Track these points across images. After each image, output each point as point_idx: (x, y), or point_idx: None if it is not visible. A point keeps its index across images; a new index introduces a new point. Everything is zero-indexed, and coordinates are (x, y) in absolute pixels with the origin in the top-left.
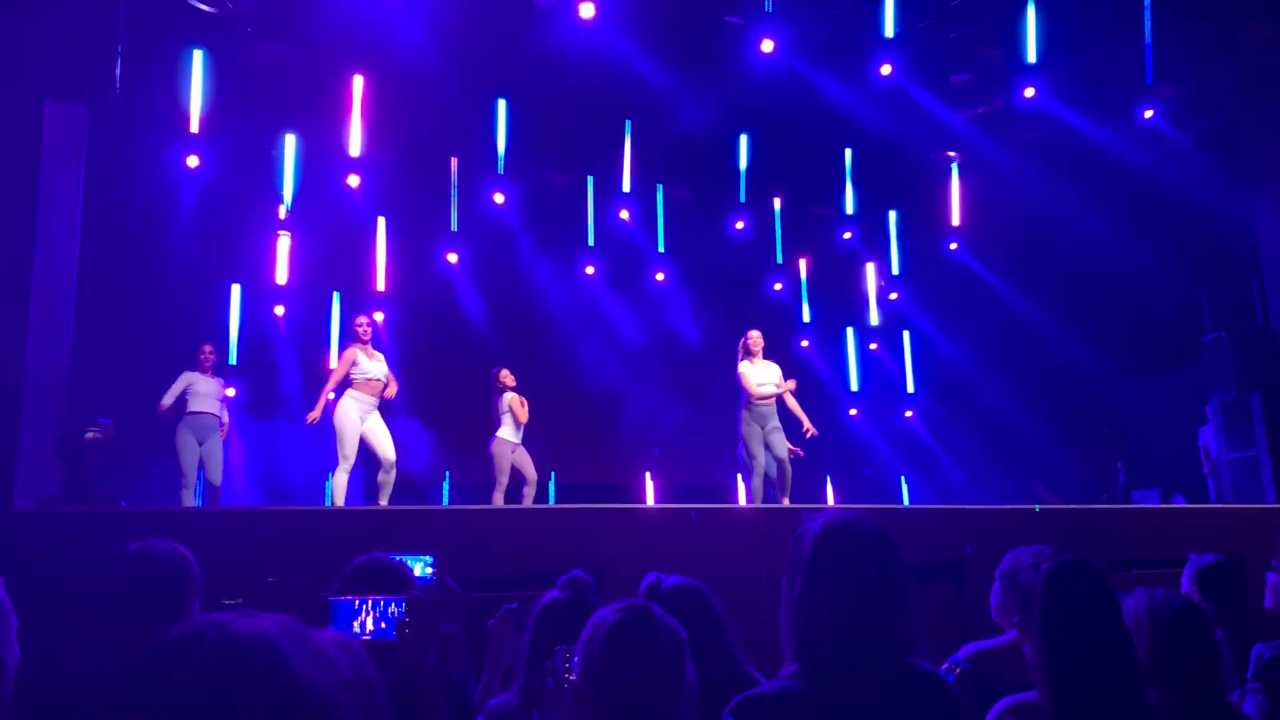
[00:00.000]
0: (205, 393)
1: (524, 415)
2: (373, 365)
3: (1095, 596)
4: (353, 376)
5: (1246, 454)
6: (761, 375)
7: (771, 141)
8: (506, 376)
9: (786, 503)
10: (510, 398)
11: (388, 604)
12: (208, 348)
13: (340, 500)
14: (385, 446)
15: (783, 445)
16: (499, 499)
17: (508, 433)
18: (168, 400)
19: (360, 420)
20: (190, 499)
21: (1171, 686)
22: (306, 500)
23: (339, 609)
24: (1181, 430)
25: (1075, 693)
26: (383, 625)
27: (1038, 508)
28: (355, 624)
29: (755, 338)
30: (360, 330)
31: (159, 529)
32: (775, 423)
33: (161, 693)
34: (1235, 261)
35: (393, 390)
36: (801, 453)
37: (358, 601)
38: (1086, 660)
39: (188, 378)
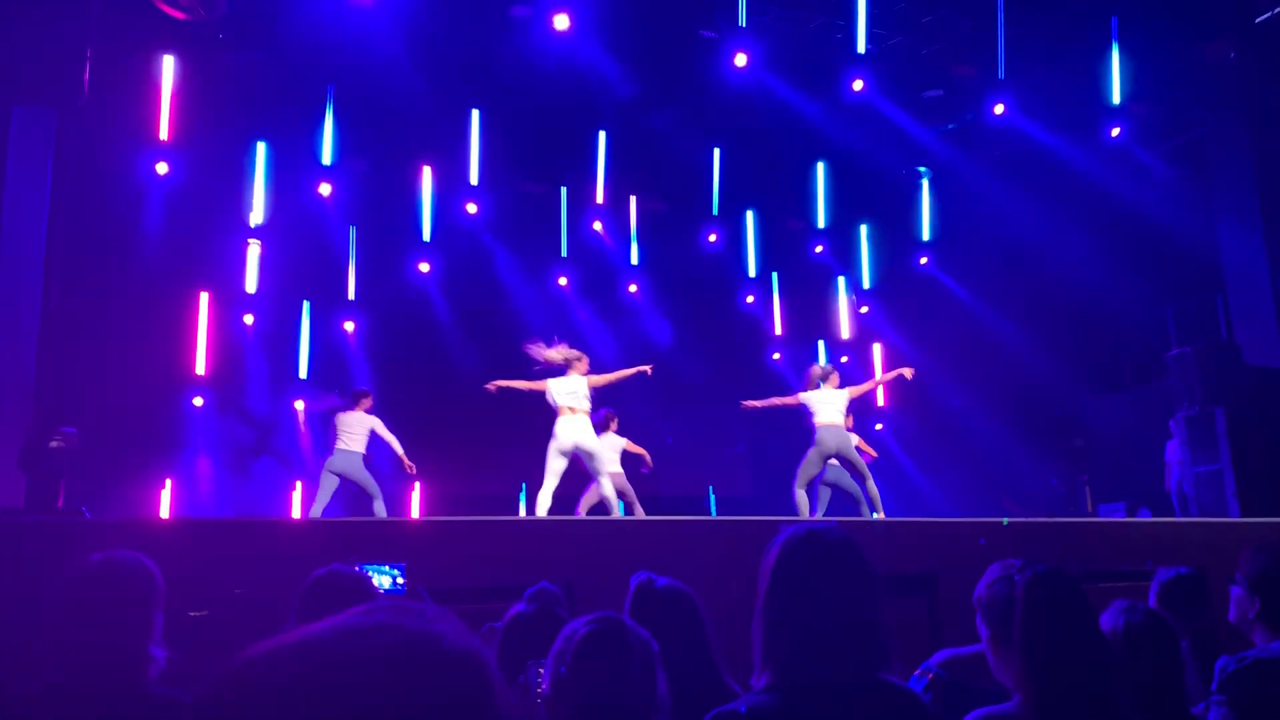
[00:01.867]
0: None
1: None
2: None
3: (1073, 604)
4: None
5: (1211, 468)
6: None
7: (745, 155)
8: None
9: (879, 517)
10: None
11: None
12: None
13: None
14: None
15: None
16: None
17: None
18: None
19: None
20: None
21: (1136, 698)
22: (274, 510)
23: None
24: (1148, 444)
25: (1054, 700)
26: None
27: (1005, 521)
28: None
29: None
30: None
31: (123, 539)
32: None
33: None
34: (1200, 278)
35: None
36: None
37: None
38: (1067, 665)
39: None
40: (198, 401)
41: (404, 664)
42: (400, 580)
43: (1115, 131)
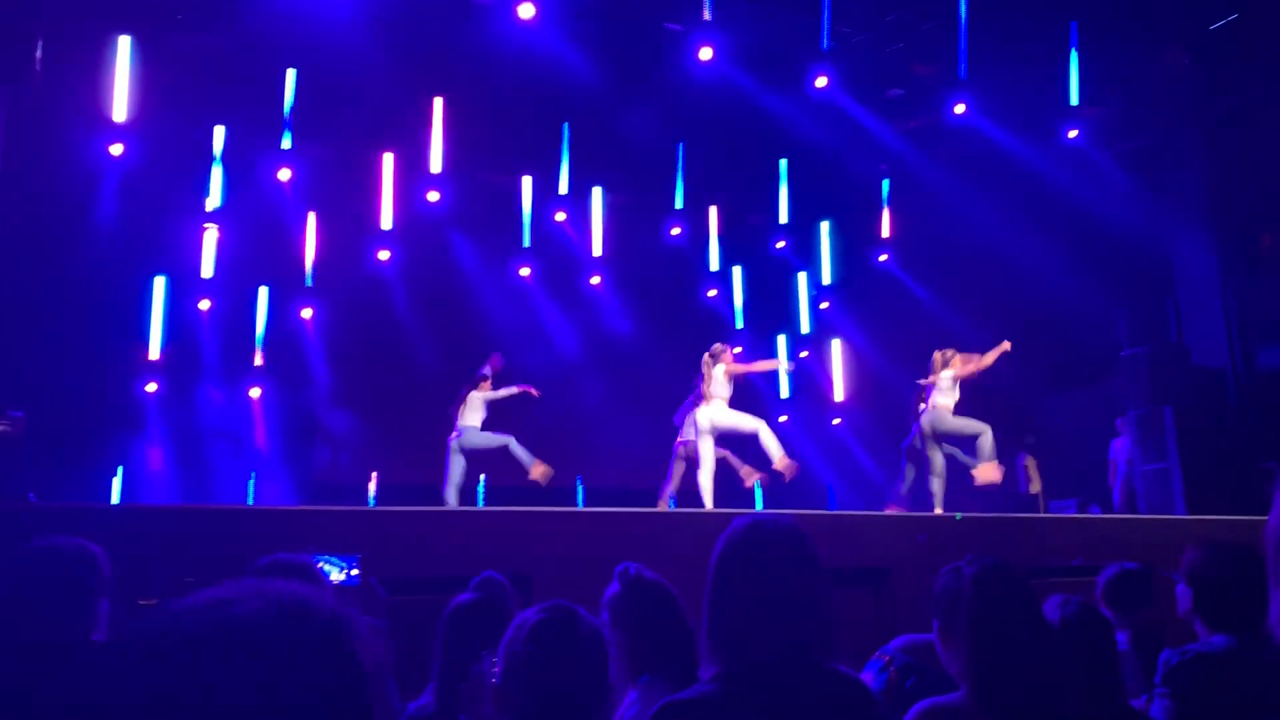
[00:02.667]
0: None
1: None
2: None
3: (1018, 598)
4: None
5: (1159, 466)
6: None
7: (708, 149)
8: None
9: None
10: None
11: None
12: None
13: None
14: None
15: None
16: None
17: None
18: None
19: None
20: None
21: (1074, 691)
22: (229, 497)
23: None
24: (1100, 442)
25: (998, 694)
26: None
27: (958, 515)
28: None
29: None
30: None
31: (71, 526)
32: None
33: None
34: (1152, 280)
35: None
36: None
37: None
38: (1011, 661)
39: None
40: (151, 387)
41: (267, 627)
42: (353, 572)
43: (1073, 134)
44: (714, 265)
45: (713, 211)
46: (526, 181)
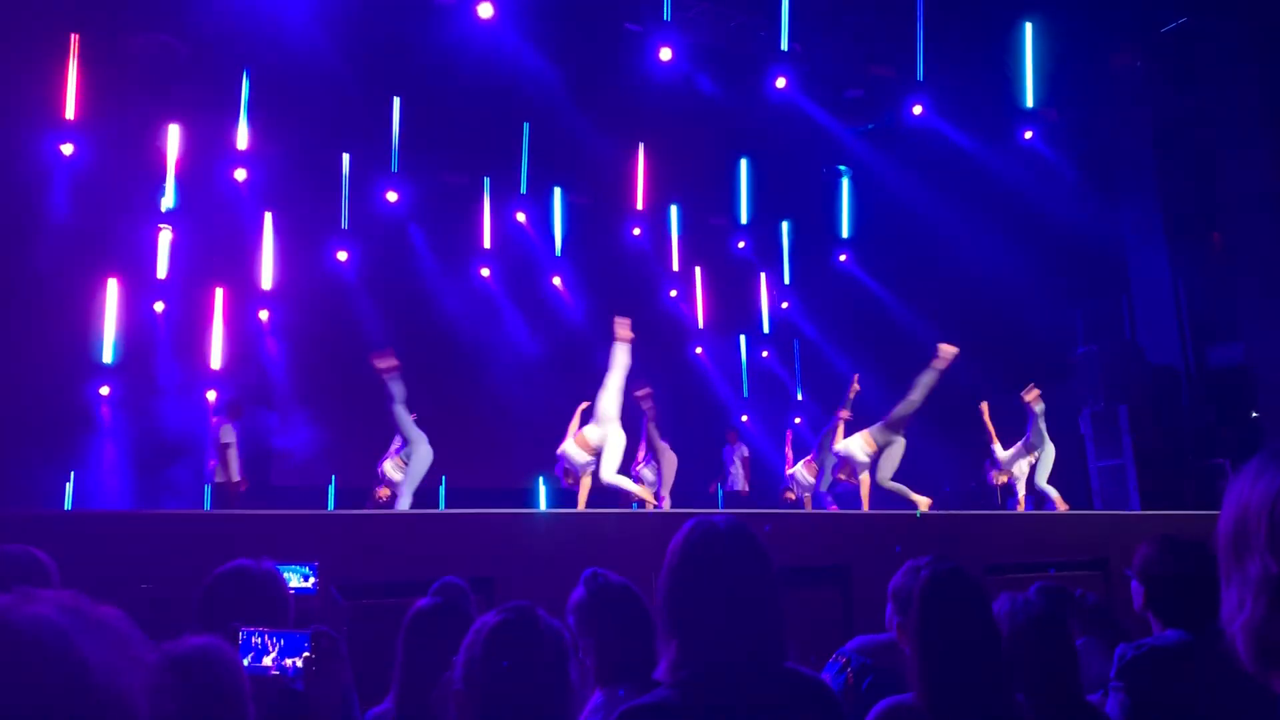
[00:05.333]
0: None
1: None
2: None
3: (969, 603)
4: None
5: (1114, 463)
6: None
7: (669, 150)
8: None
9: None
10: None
11: (293, 638)
12: None
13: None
14: None
15: None
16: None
17: None
18: None
19: None
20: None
21: (1030, 688)
22: (184, 502)
23: (244, 642)
24: (1054, 439)
25: (948, 695)
26: (289, 662)
27: (918, 513)
28: (266, 659)
29: None
30: None
31: (22, 534)
32: None
33: None
34: (1107, 279)
35: None
36: None
37: (264, 635)
38: (959, 664)
39: None
40: (104, 390)
41: None
42: (312, 580)
43: (1028, 135)
44: (675, 265)
45: (673, 212)
46: (486, 182)
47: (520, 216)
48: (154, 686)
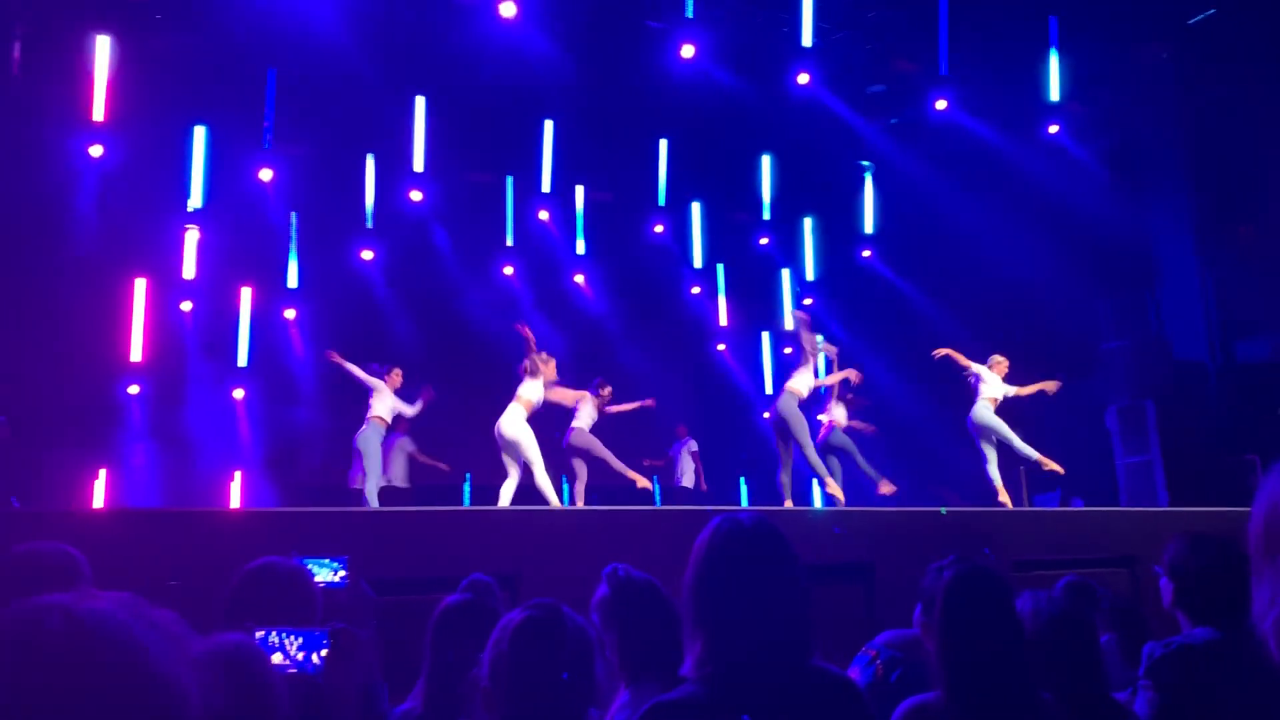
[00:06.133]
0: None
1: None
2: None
3: (993, 603)
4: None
5: (1141, 459)
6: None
7: (691, 146)
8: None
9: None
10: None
11: (311, 635)
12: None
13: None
14: None
15: None
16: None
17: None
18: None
19: None
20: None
21: (1056, 687)
22: (213, 500)
23: (263, 640)
24: (1081, 436)
25: (973, 694)
26: (307, 657)
27: (944, 510)
28: (279, 656)
29: None
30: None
31: (54, 530)
32: None
33: (3, 679)
34: (1133, 273)
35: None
36: None
37: (281, 634)
38: (984, 663)
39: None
40: (133, 390)
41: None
42: (342, 574)
43: (1053, 129)
44: (697, 262)
45: (696, 208)
46: (509, 180)
47: (543, 215)
48: (204, 682)
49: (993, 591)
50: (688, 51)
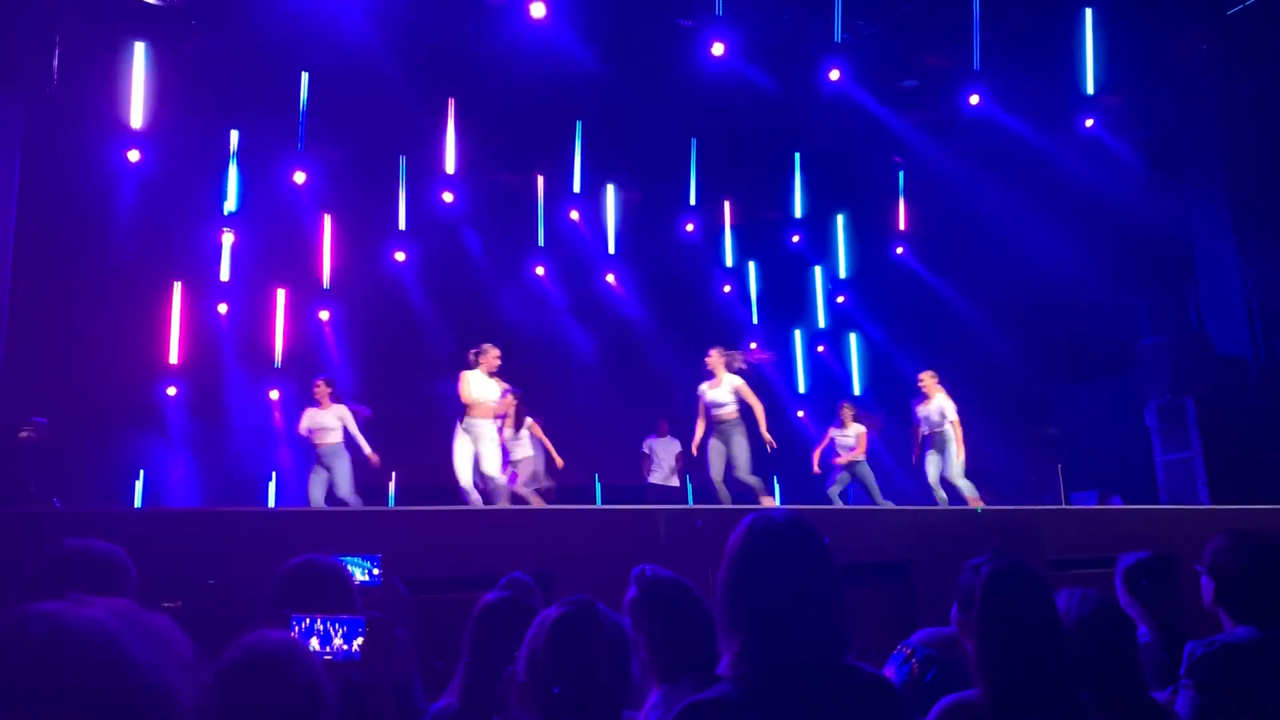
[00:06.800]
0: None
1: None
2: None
3: (1032, 600)
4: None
5: (1182, 456)
6: None
7: (722, 144)
8: None
9: None
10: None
11: (348, 623)
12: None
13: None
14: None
15: None
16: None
17: None
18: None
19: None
20: None
21: (1094, 685)
22: (249, 500)
23: (297, 626)
24: (1119, 433)
25: (1012, 693)
26: (344, 646)
27: (979, 509)
28: (315, 641)
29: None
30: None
31: (96, 530)
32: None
33: None
34: (1172, 268)
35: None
36: None
37: (319, 620)
38: (1023, 661)
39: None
40: (171, 391)
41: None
42: (375, 571)
43: (1089, 123)
44: (728, 261)
45: (727, 207)
46: (539, 180)
47: (574, 214)
48: (198, 686)
49: (1032, 587)
50: (718, 49)
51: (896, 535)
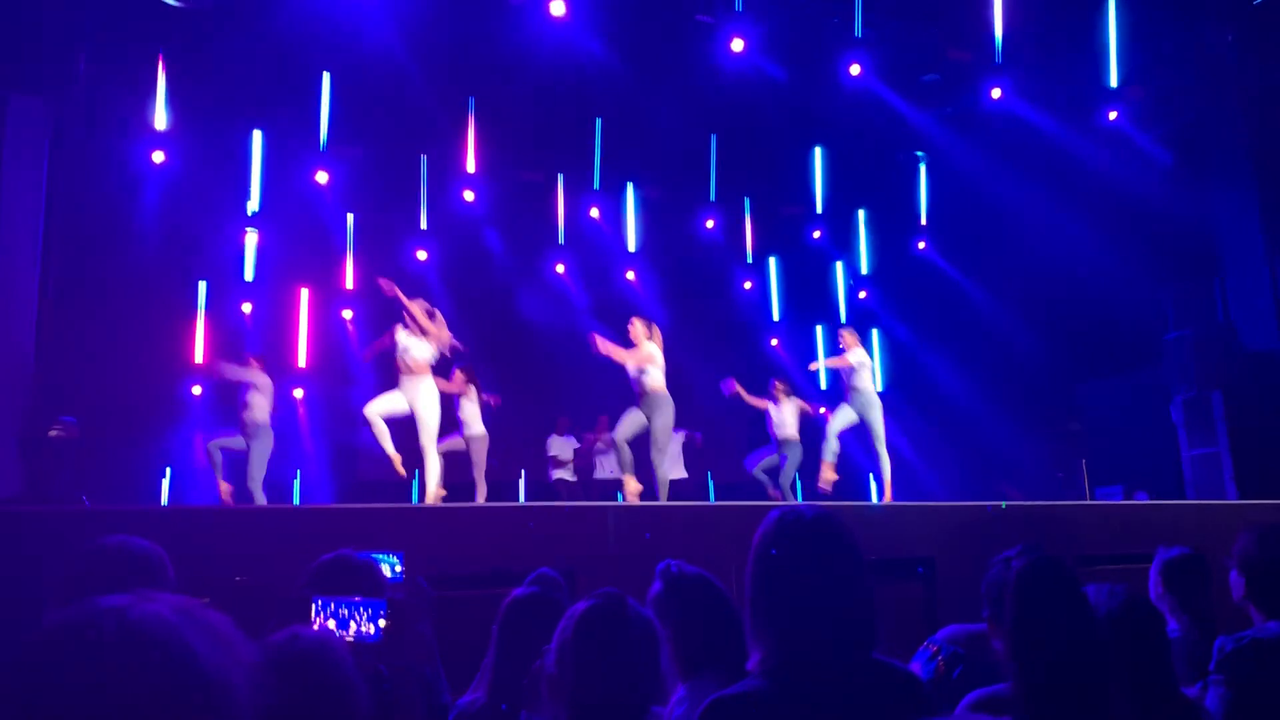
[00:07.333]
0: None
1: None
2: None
3: (1065, 594)
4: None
5: (1208, 450)
6: None
7: (742, 140)
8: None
9: None
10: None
11: (369, 605)
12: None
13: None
14: None
15: None
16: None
17: None
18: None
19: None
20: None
21: (1124, 680)
22: (275, 498)
23: (320, 608)
24: (1145, 428)
25: (1044, 687)
26: (366, 628)
27: (1004, 504)
28: (333, 623)
29: None
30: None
31: (123, 527)
32: None
33: (58, 683)
34: (1197, 261)
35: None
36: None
37: (338, 604)
38: (1056, 656)
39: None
40: (196, 390)
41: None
42: (399, 568)
43: (1113, 115)
44: (749, 257)
45: (747, 203)
46: (560, 179)
47: (594, 212)
48: (257, 685)
49: (1064, 581)
50: (737, 45)
51: (920, 531)
